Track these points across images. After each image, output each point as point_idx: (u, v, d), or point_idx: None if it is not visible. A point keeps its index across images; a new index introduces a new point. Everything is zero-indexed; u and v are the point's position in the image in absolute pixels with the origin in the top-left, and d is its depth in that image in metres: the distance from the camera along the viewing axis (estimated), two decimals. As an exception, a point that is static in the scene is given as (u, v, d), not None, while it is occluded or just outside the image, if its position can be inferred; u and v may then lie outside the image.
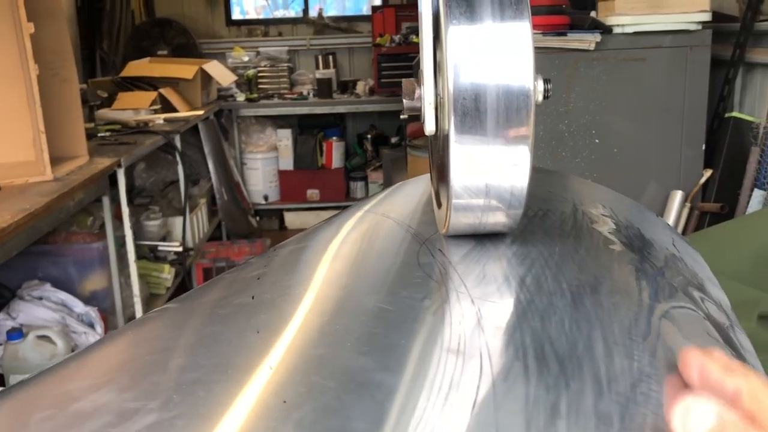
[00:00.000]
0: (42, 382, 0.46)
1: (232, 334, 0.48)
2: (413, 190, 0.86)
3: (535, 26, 2.20)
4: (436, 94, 0.59)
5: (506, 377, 0.41)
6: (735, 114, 2.33)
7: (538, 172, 0.94)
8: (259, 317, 0.50)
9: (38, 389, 0.45)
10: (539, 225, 0.67)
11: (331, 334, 0.47)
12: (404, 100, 0.62)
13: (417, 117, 0.63)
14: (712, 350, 0.38)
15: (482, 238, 0.63)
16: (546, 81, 0.59)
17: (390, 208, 0.79)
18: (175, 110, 3.61)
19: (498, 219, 0.59)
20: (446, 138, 0.55)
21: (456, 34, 0.52)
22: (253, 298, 0.53)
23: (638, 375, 0.45)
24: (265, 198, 4.76)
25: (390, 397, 0.39)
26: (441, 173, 0.62)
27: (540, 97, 0.59)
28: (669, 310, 0.58)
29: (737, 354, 0.58)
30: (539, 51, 2.16)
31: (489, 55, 0.52)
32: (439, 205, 0.65)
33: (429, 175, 0.76)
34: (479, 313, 0.50)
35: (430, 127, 0.61)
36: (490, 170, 0.55)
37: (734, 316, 0.67)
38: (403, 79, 0.62)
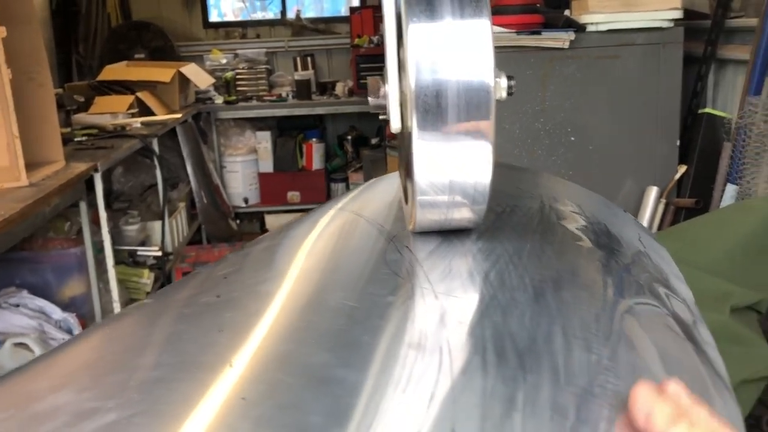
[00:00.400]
0: (5, 383, 0.46)
1: (197, 333, 0.48)
2: (385, 187, 0.86)
3: (509, 25, 2.20)
4: (401, 92, 0.59)
5: (465, 371, 0.41)
6: (708, 110, 2.36)
7: (508, 169, 0.95)
8: (225, 316, 0.50)
9: (1, 391, 0.45)
10: (506, 221, 0.68)
11: (295, 332, 0.48)
12: (370, 98, 0.62)
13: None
14: (667, 385, 0.37)
15: (449, 234, 0.63)
16: (509, 78, 0.60)
17: (361, 206, 0.79)
18: (152, 114, 3.59)
19: (463, 215, 0.60)
20: (410, 135, 0.55)
21: (416, 31, 0.52)
22: (218, 296, 0.54)
23: (596, 368, 0.46)
24: (245, 201, 4.74)
25: (349, 393, 0.39)
26: (408, 170, 0.63)
27: (504, 94, 0.59)
28: (632, 306, 0.59)
29: (698, 349, 0.59)
30: (514, 50, 2.18)
31: (449, 53, 0.52)
32: (407, 201, 0.65)
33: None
34: (442, 308, 0.50)
35: (395, 125, 0.61)
36: (453, 166, 0.55)
37: (698, 311, 0.67)
38: (369, 78, 0.63)
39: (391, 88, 0.59)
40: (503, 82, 0.59)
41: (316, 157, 4.78)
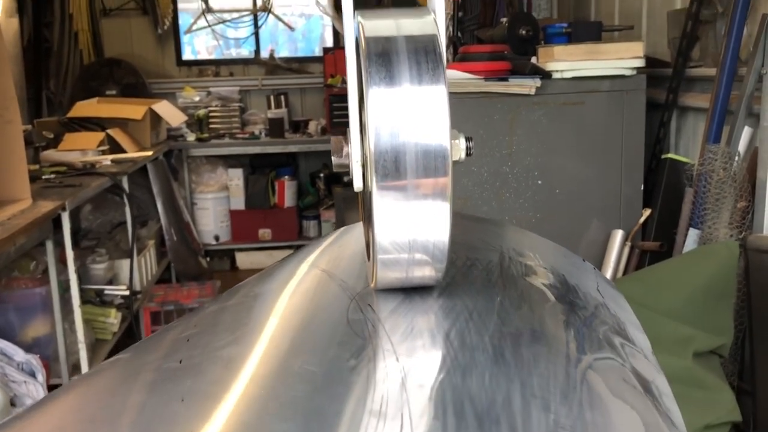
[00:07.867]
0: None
1: (158, 402, 0.48)
2: (350, 240, 0.87)
3: (477, 72, 2.24)
4: (363, 153, 0.61)
5: (424, 438, 0.42)
6: (671, 155, 2.42)
7: (468, 220, 0.97)
8: (186, 383, 0.50)
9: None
10: (467, 276, 0.69)
11: (258, 400, 0.48)
12: (333, 158, 0.63)
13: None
14: None
15: (411, 291, 0.64)
16: (468, 139, 0.62)
17: (326, 260, 0.79)
18: (123, 151, 3.58)
19: (424, 272, 0.61)
20: (370, 195, 0.56)
21: (376, 97, 0.54)
22: (181, 362, 0.54)
23: (554, 428, 0.47)
24: (216, 238, 4.71)
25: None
26: (370, 227, 0.64)
27: (462, 155, 0.61)
28: (590, 361, 0.60)
29: (655, 400, 0.60)
30: (482, 96, 2.22)
31: (407, 118, 0.54)
32: (369, 258, 0.66)
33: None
34: (403, 371, 0.51)
35: (358, 185, 0.62)
36: (413, 226, 0.57)
37: (655, 360, 0.69)
38: (332, 137, 0.64)
39: (353, 149, 0.61)
40: (462, 143, 0.61)
41: (288, 195, 4.79)
